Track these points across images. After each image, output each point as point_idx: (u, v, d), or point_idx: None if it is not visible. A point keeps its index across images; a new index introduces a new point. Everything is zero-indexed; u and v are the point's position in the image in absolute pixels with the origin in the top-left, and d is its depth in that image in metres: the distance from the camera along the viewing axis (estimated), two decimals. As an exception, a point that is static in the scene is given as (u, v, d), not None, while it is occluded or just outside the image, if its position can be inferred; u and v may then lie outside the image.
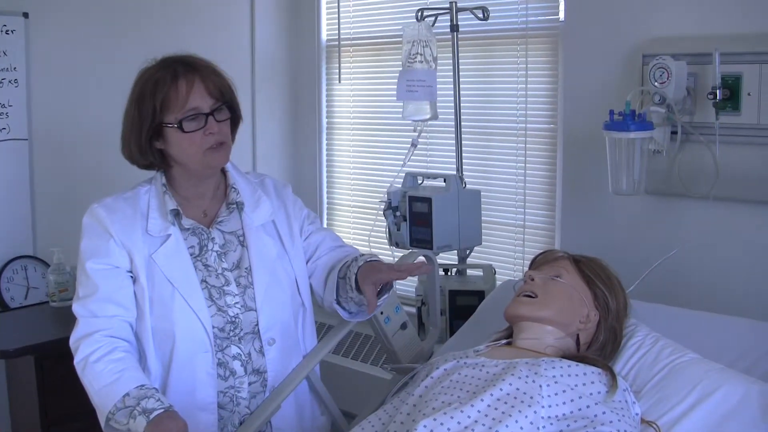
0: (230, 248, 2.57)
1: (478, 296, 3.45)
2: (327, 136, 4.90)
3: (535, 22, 3.87)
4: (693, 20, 3.23)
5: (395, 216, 3.61)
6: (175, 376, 2.48)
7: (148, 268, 2.48)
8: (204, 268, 2.52)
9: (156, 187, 2.56)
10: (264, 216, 2.62)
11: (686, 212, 3.31)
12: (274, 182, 2.76)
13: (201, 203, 2.59)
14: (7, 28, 3.88)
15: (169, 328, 2.46)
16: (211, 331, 2.47)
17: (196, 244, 2.54)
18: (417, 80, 3.59)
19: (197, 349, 2.47)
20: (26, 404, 3.66)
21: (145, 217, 2.52)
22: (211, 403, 2.49)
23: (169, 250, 2.49)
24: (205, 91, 2.46)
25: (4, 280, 3.93)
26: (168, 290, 2.47)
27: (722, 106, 3.09)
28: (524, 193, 3.97)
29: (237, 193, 2.60)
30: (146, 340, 2.48)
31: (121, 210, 2.52)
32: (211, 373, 2.48)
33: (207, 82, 2.47)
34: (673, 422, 2.25)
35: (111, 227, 2.48)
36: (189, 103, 2.43)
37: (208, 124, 2.45)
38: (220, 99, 2.49)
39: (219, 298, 2.51)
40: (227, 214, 2.59)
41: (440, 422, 2.09)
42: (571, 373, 2.21)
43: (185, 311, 2.46)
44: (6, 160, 3.93)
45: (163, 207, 2.52)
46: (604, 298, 2.48)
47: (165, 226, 2.51)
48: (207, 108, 2.45)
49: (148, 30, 4.30)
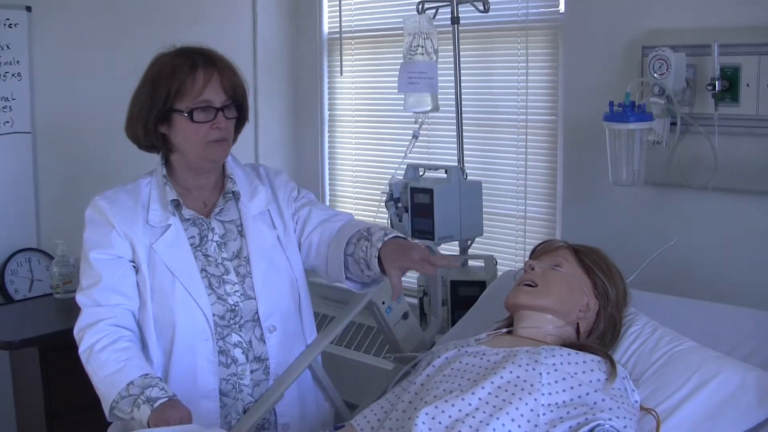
0: (230, 238, 2.60)
1: (479, 287, 3.45)
2: (329, 129, 4.91)
3: (535, 14, 3.87)
4: (692, 12, 3.24)
5: (397, 207, 3.62)
6: (176, 364, 2.50)
7: (149, 258, 2.51)
8: (204, 257, 2.55)
9: (157, 179, 2.59)
10: (260, 205, 2.64)
11: (685, 203, 3.33)
12: (266, 170, 2.77)
13: (201, 194, 2.61)
14: (10, 21, 3.90)
15: (170, 316, 2.49)
16: (212, 319, 2.50)
17: (196, 234, 2.57)
18: (418, 72, 3.60)
19: (198, 337, 2.50)
20: (31, 395, 3.68)
21: (146, 208, 2.55)
22: (213, 390, 2.51)
23: (169, 240, 2.52)
24: (220, 87, 2.50)
25: (8, 273, 3.95)
26: (168, 279, 2.50)
27: (721, 97, 3.10)
28: (525, 184, 3.98)
29: (233, 183, 2.63)
30: (148, 329, 2.50)
31: (122, 202, 2.55)
32: (212, 360, 2.51)
33: (224, 77, 2.51)
34: (672, 409, 2.26)
35: (113, 218, 2.51)
36: (203, 94, 2.47)
37: (217, 118, 2.49)
38: (233, 97, 2.53)
39: (219, 286, 2.53)
40: (224, 203, 2.62)
41: (441, 410, 2.11)
42: (571, 361, 2.23)
43: (185, 299, 2.49)
44: (9, 153, 3.95)
45: (163, 198, 2.55)
46: (603, 287, 2.49)
47: (165, 216, 2.54)
48: (219, 103, 2.49)
49: (150, 23, 4.31)
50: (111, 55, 4.17)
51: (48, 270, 3.99)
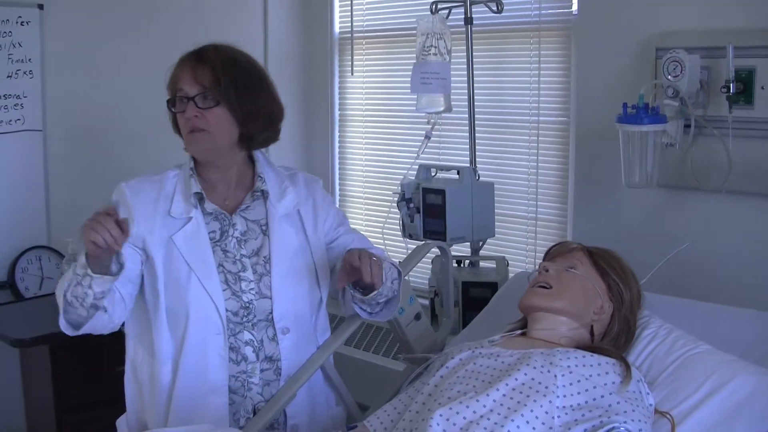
0: (251, 236, 2.59)
1: (490, 288, 3.46)
2: (339, 129, 4.92)
3: (548, 15, 3.87)
4: (706, 14, 3.23)
5: (409, 208, 3.62)
6: (187, 357, 2.49)
7: (167, 249, 2.51)
8: (222, 253, 2.54)
9: (184, 172, 2.60)
10: (288, 206, 2.62)
11: (699, 205, 3.32)
12: (305, 176, 2.75)
13: (224, 190, 2.61)
14: (22, 19, 3.91)
15: (184, 308, 2.49)
16: (224, 314, 2.50)
17: (217, 229, 2.56)
18: (431, 73, 3.60)
19: (210, 331, 2.49)
20: (40, 393, 3.69)
21: (169, 199, 2.55)
22: (222, 386, 2.50)
23: (188, 233, 2.52)
24: (192, 78, 2.49)
25: (18, 271, 3.95)
26: (184, 271, 2.49)
27: (735, 100, 3.09)
28: (536, 186, 3.98)
29: (263, 182, 2.62)
30: (159, 319, 2.50)
31: (145, 192, 2.56)
32: (223, 355, 2.50)
33: (200, 69, 2.49)
34: (687, 413, 2.25)
35: (133, 207, 2.52)
36: (178, 83, 2.50)
37: (188, 108, 2.48)
38: (209, 88, 2.48)
39: (234, 283, 2.53)
40: (251, 201, 2.61)
41: (455, 411, 2.10)
42: (586, 363, 2.22)
43: (200, 292, 2.48)
44: (21, 150, 3.96)
45: (188, 190, 2.55)
46: (618, 289, 2.48)
47: (187, 209, 2.54)
48: (192, 93, 2.48)
49: (161, 21, 4.31)
50: (122, 53, 4.17)
51: (58, 268, 3.99)
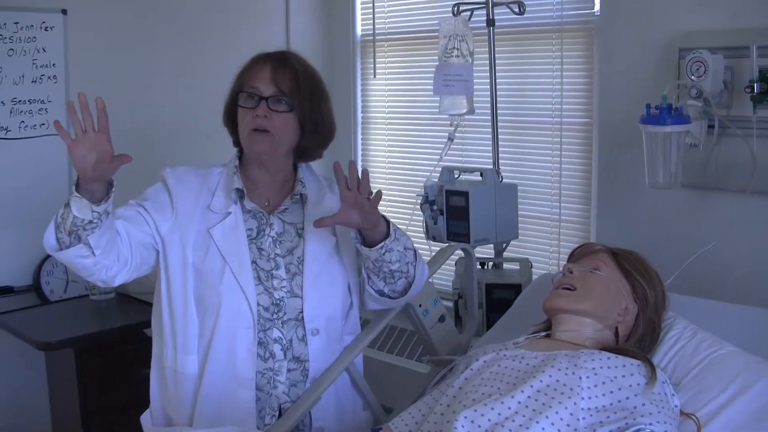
0: (287, 238, 2.61)
1: (514, 290, 3.46)
2: (362, 131, 4.93)
3: (570, 15, 3.87)
4: (730, 13, 3.22)
5: (432, 210, 3.62)
6: (216, 349, 2.51)
7: (204, 241, 2.53)
8: (257, 250, 2.57)
9: (228, 169, 2.64)
10: (325, 211, 2.61)
11: (723, 206, 3.31)
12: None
13: (266, 191, 2.64)
14: (45, 24, 3.93)
15: (216, 300, 2.50)
16: (256, 308, 2.51)
17: (254, 227, 2.59)
18: (454, 75, 3.61)
19: (240, 324, 2.50)
20: (66, 396, 3.71)
21: (211, 193, 2.59)
22: (250, 379, 2.51)
23: (227, 227, 2.55)
24: (271, 79, 2.52)
25: (44, 274, 3.97)
26: (219, 264, 2.52)
27: (759, 100, 3.08)
28: (560, 187, 3.98)
29: (303, 186, 2.65)
30: (188, 308, 2.52)
31: (188, 182, 2.60)
32: (252, 349, 2.51)
33: (282, 72, 2.54)
34: (713, 414, 2.24)
35: (174, 196, 2.56)
36: (253, 81, 2.53)
37: (259, 106, 2.50)
38: (287, 93, 2.52)
39: (267, 279, 2.55)
40: (290, 203, 2.64)
41: (481, 413, 2.10)
42: (611, 365, 2.22)
43: (232, 285, 2.50)
44: (45, 155, 3.97)
45: (230, 186, 2.58)
46: (642, 290, 2.48)
47: (227, 204, 2.57)
48: (267, 93, 2.51)
49: (184, 25, 4.32)
50: (145, 58, 4.19)
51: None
